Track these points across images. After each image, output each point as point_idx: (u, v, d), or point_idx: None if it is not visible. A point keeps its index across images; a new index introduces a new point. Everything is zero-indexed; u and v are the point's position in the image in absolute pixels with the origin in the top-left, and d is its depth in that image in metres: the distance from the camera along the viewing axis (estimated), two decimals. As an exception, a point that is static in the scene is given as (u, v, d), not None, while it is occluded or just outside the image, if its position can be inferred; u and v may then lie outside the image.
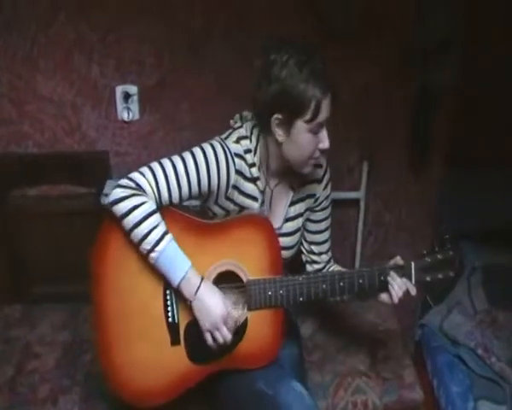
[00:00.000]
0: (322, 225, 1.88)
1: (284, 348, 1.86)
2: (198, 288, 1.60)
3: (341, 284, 1.71)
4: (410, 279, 1.73)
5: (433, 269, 1.74)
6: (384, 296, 1.76)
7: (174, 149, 2.32)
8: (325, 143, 1.62)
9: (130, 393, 1.72)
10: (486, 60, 2.60)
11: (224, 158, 1.64)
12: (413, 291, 1.71)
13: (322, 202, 1.84)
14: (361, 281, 1.72)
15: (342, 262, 1.99)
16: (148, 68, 2.29)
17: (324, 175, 1.82)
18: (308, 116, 1.56)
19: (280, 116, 1.58)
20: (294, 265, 1.90)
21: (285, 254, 1.79)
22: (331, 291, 1.72)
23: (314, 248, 1.89)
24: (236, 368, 1.71)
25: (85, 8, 2.18)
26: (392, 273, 1.72)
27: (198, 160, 1.62)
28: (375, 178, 2.54)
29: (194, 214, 1.72)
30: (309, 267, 1.92)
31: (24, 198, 2.36)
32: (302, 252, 1.92)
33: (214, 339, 1.65)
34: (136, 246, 1.60)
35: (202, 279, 1.62)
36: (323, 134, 1.62)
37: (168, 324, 1.69)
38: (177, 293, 1.64)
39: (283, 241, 1.78)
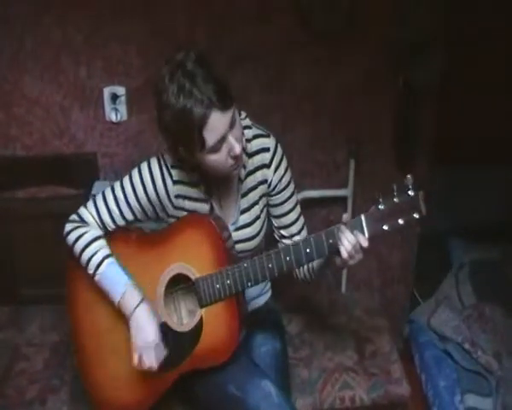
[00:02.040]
0: (285, 208, 1.83)
1: (265, 344, 1.88)
2: (136, 307, 1.66)
3: (287, 258, 1.62)
4: (364, 234, 1.56)
5: (391, 216, 1.52)
6: (337, 259, 1.61)
7: (162, 149, 2.36)
8: (235, 151, 1.56)
9: (110, 407, 1.82)
10: (472, 57, 2.62)
11: (159, 172, 1.69)
12: (364, 243, 1.54)
13: (277, 184, 1.78)
14: (308, 250, 1.60)
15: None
16: (135, 69, 2.30)
17: (273, 157, 1.76)
18: (199, 146, 1.53)
19: (181, 148, 1.59)
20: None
21: (249, 245, 1.80)
22: (278, 268, 1.63)
23: (283, 232, 1.86)
24: (200, 368, 1.72)
25: (71, 10, 2.19)
26: (342, 228, 1.56)
27: (134, 181, 1.71)
28: (363, 175, 2.55)
29: (137, 232, 1.79)
30: None
31: (12, 200, 2.37)
32: (276, 240, 1.89)
33: (140, 362, 1.67)
34: (85, 272, 1.72)
35: (142, 300, 1.67)
36: (229, 143, 1.56)
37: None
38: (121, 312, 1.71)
39: (243, 233, 1.78)
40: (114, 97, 2.31)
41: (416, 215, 1.52)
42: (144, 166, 1.71)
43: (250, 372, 1.74)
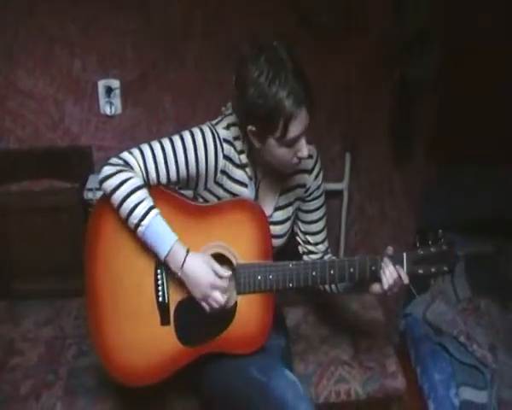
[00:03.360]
0: (316, 215, 1.88)
1: (272, 339, 1.87)
2: (184, 260, 1.61)
3: (331, 272, 1.70)
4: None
5: (426, 262, 1.72)
6: (375, 286, 1.75)
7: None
8: (303, 153, 1.61)
9: (120, 372, 1.74)
10: (470, 53, 2.61)
11: (212, 142, 1.65)
12: (406, 280, 1.70)
13: (314, 191, 1.83)
14: (352, 270, 1.71)
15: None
16: (129, 62, 2.29)
17: (315, 165, 1.82)
18: (278, 134, 1.55)
19: (253, 128, 1.59)
20: (289, 257, 1.90)
21: (275, 242, 1.80)
22: (321, 279, 1.71)
23: (309, 238, 1.89)
24: (225, 352, 1.72)
25: (65, 2, 2.17)
26: (386, 260, 1.70)
27: (186, 142, 1.65)
28: (359, 169, 2.55)
29: (185, 196, 1.73)
30: (306, 258, 1.91)
31: (6, 194, 2.35)
32: (299, 243, 1.92)
33: (211, 307, 1.65)
34: (125, 222, 1.62)
35: (188, 252, 1.62)
36: (301, 144, 1.60)
37: (158, 303, 1.70)
38: (167, 269, 1.65)
39: (274, 229, 1.78)
40: (109, 90, 2.30)
41: (445, 268, 1.73)
42: (197, 131, 1.66)
43: (273, 359, 1.75)
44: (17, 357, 2.12)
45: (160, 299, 1.69)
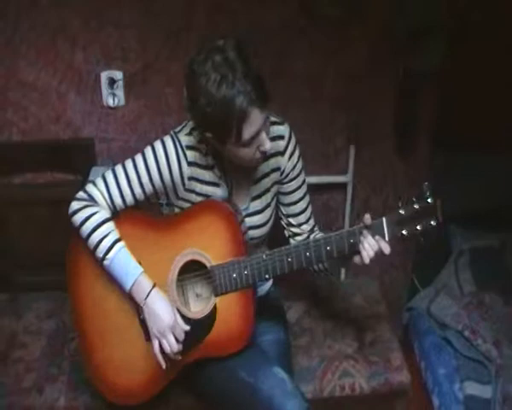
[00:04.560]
0: (295, 196, 1.84)
1: (269, 333, 1.87)
2: (148, 294, 1.64)
3: (307, 254, 1.65)
4: (384, 237, 1.62)
5: (410, 221, 1.59)
6: (356, 258, 1.67)
7: (160, 133, 2.34)
8: (265, 147, 1.59)
9: (113, 392, 1.78)
10: (474, 43, 2.59)
11: (174, 152, 1.66)
12: (386, 249, 1.60)
13: (289, 173, 1.79)
14: (328, 248, 1.64)
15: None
16: (132, 54, 2.27)
17: (287, 146, 1.77)
18: (233, 138, 1.53)
19: (210, 135, 1.58)
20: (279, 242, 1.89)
21: (257, 232, 1.79)
22: (297, 263, 1.65)
23: (292, 220, 1.86)
24: (212, 356, 1.71)
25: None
26: (365, 232, 1.61)
27: (148, 158, 1.66)
28: (363, 161, 2.54)
29: (152, 214, 1.76)
30: (292, 241, 1.88)
31: (9, 186, 2.34)
32: (284, 227, 1.90)
33: (162, 348, 1.66)
34: (92, 255, 1.67)
35: (153, 286, 1.65)
36: (261, 139, 1.58)
37: (140, 320, 1.72)
38: (132, 300, 1.68)
39: (253, 220, 1.78)
40: (112, 82, 2.28)
41: (433, 222, 1.59)
42: (158, 144, 1.67)
43: (261, 359, 1.73)
44: (19, 350, 2.11)
45: (142, 316, 1.71)
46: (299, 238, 1.88)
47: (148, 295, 1.64)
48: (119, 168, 1.69)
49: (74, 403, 1.95)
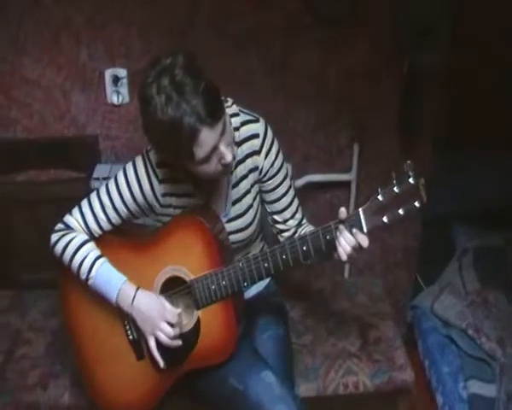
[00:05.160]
0: (278, 193, 1.78)
1: (268, 330, 1.86)
2: (134, 297, 1.64)
3: (284, 257, 1.59)
4: (362, 229, 1.49)
5: (391, 207, 1.45)
6: (336, 255, 1.56)
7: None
8: (226, 159, 1.51)
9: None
10: (477, 42, 2.58)
11: (144, 173, 1.65)
12: (364, 242, 1.48)
13: (268, 170, 1.73)
14: (305, 248, 1.56)
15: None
16: (136, 51, 2.28)
17: (263, 144, 1.70)
18: (188, 160, 1.50)
19: (167, 156, 1.57)
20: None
21: (242, 235, 1.76)
22: (275, 267, 1.60)
23: (277, 217, 1.81)
24: (202, 366, 1.71)
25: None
26: (341, 227, 1.50)
27: (119, 183, 1.67)
28: (366, 159, 2.53)
29: (129, 236, 1.76)
30: (280, 238, 1.84)
31: (13, 184, 2.35)
32: (271, 225, 1.86)
33: (160, 340, 1.65)
34: (78, 280, 1.69)
35: (138, 289, 1.65)
36: (220, 153, 1.50)
37: (130, 341, 1.75)
38: (121, 311, 1.68)
39: (236, 224, 1.74)
40: (116, 80, 2.29)
41: (416, 204, 1.45)
42: (130, 167, 1.67)
43: (250, 364, 1.72)
44: (24, 347, 2.12)
45: (131, 337, 1.74)
46: (286, 234, 1.82)
47: (133, 300, 1.64)
48: (93, 195, 1.70)
49: (78, 399, 1.96)
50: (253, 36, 2.28)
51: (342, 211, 1.50)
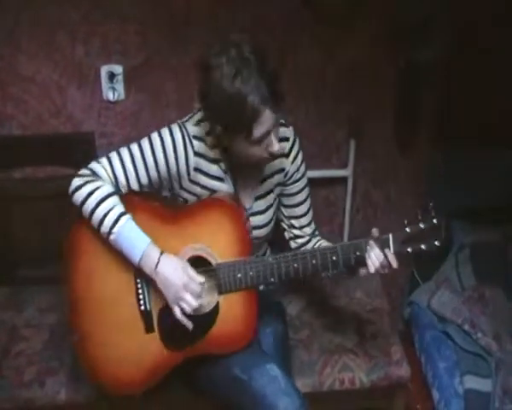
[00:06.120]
0: (298, 198, 1.85)
1: (267, 326, 1.86)
2: (158, 262, 1.60)
3: (313, 261, 1.66)
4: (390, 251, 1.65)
5: (415, 239, 1.65)
6: (362, 271, 1.70)
7: (161, 127, 2.33)
8: (273, 149, 1.59)
9: (109, 384, 1.75)
10: (475, 36, 2.58)
11: (181, 140, 1.64)
12: (394, 263, 1.63)
13: (293, 174, 1.80)
14: (334, 258, 1.66)
15: (330, 241, 1.93)
16: (132, 48, 2.27)
17: (292, 148, 1.78)
18: (244, 134, 1.53)
19: (219, 127, 1.57)
20: (279, 246, 1.90)
21: (259, 233, 1.79)
22: (303, 270, 1.67)
23: (294, 222, 1.87)
24: (212, 353, 1.71)
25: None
26: (371, 243, 1.64)
27: (154, 143, 1.64)
28: (363, 155, 2.53)
29: (160, 202, 1.73)
30: (293, 244, 1.90)
31: (9, 181, 2.34)
32: (284, 229, 1.90)
33: (183, 311, 1.64)
34: (98, 232, 1.62)
35: (162, 253, 1.61)
36: (270, 140, 1.57)
37: (141, 312, 1.70)
38: (142, 274, 1.64)
39: (256, 220, 1.77)
40: (112, 76, 2.28)
41: (436, 243, 1.64)
42: (165, 131, 1.65)
43: (256, 356, 1.73)
44: (21, 343, 2.12)
45: (143, 307, 1.70)
46: (300, 241, 1.89)
47: (157, 265, 1.59)
48: (123, 150, 1.65)
49: (75, 396, 1.96)
50: (251, 32, 2.27)
51: (374, 231, 1.66)
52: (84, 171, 1.65)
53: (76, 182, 1.62)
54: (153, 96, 2.34)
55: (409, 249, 1.66)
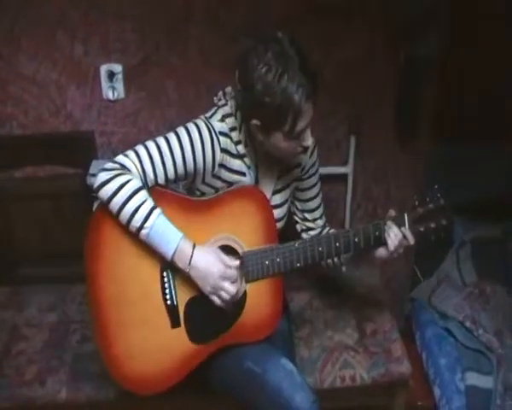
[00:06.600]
0: (313, 192, 1.89)
1: None
2: (191, 256, 1.59)
3: (337, 244, 1.72)
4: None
5: (426, 219, 1.76)
6: (379, 251, 1.77)
7: (161, 127, 2.34)
8: (308, 142, 1.62)
9: (131, 381, 1.70)
10: (475, 31, 2.58)
11: (208, 136, 1.63)
12: (411, 240, 1.74)
13: (309, 169, 1.84)
14: (356, 239, 1.73)
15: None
16: (132, 47, 2.27)
17: None
18: (286, 129, 1.55)
19: (258, 123, 1.57)
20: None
21: (276, 226, 1.79)
22: (327, 253, 1.73)
23: (308, 215, 1.91)
24: (243, 341, 1.72)
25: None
26: (389, 223, 1.74)
27: (182, 139, 1.62)
28: (363, 152, 2.53)
29: (184, 193, 1.72)
30: (305, 235, 1.93)
31: (9, 180, 2.35)
32: (297, 222, 1.93)
33: (222, 300, 1.64)
34: (126, 227, 1.58)
35: (194, 246, 1.60)
36: (306, 134, 1.60)
37: (167, 307, 1.68)
38: (173, 268, 1.63)
39: (273, 213, 1.78)
40: (111, 75, 2.28)
41: (444, 222, 1.77)
42: (192, 127, 1.63)
43: (268, 350, 1.74)
44: (21, 343, 2.12)
45: (169, 302, 1.67)
46: (312, 233, 1.92)
47: (191, 259, 1.58)
48: (150, 143, 1.62)
49: (76, 395, 1.96)
50: (249, 26, 2.26)
51: (392, 211, 1.79)
52: (111, 164, 1.60)
53: (103, 176, 1.58)
54: (152, 94, 2.33)
55: (421, 228, 1.77)
